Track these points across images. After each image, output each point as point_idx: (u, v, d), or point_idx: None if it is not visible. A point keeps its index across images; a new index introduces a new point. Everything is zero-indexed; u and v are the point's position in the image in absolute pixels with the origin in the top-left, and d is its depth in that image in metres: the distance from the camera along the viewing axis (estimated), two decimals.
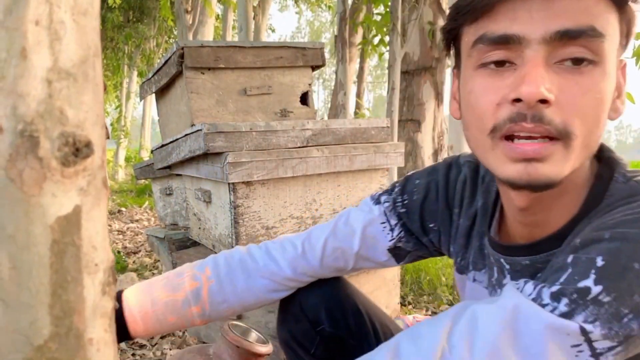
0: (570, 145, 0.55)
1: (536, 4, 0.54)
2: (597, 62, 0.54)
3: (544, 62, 0.54)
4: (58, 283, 0.28)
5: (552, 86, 0.53)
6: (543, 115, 0.54)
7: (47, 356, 0.27)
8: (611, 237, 0.51)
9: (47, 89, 0.27)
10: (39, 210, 0.27)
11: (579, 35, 0.53)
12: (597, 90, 0.54)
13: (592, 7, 0.53)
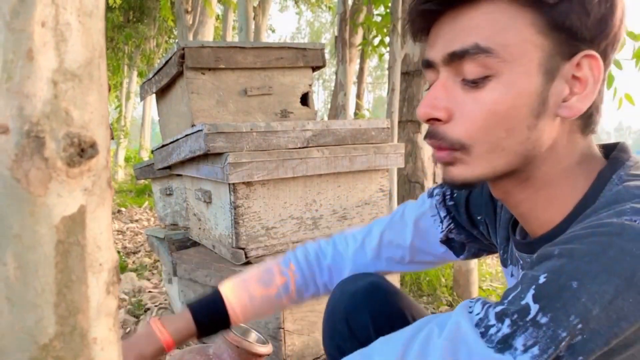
0: (470, 154, 0.60)
1: (440, 32, 0.60)
2: (493, 76, 0.57)
3: (450, 82, 0.60)
4: (63, 282, 0.28)
5: (451, 103, 0.59)
6: (436, 132, 0.61)
7: (52, 355, 0.28)
8: (559, 253, 0.51)
9: (53, 89, 0.28)
10: (44, 210, 0.27)
11: (464, 55, 0.57)
12: (493, 102, 0.57)
13: (483, 24, 0.57)
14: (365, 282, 0.93)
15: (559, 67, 0.58)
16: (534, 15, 0.56)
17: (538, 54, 0.57)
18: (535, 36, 0.56)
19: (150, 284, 2.74)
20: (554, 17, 0.56)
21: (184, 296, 1.90)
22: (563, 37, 0.57)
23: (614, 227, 0.50)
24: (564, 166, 0.62)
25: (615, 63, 3.01)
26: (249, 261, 1.61)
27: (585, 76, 0.58)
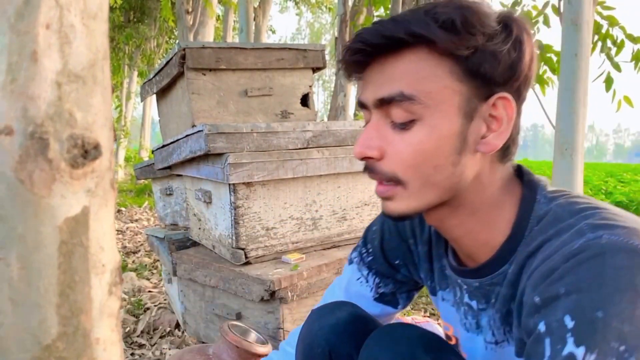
0: (407, 188, 0.66)
1: (370, 78, 0.67)
2: (417, 119, 0.64)
3: (381, 123, 0.66)
4: (66, 283, 0.28)
5: (383, 143, 0.66)
6: (373, 167, 0.67)
7: (55, 355, 0.28)
8: (567, 291, 0.55)
9: (57, 91, 0.28)
10: (48, 211, 0.27)
11: (390, 101, 0.64)
12: (419, 143, 0.64)
13: (406, 73, 0.63)
14: (345, 312, 0.89)
15: (476, 108, 0.65)
16: (451, 65, 0.63)
17: (457, 98, 0.64)
18: (454, 83, 0.63)
19: (150, 284, 2.74)
20: (469, 66, 0.63)
21: (184, 296, 1.90)
22: (479, 82, 0.64)
23: (593, 249, 0.56)
24: (489, 193, 0.70)
25: (614, 66, 3.01)
26: (248, 261, 1.62)
27: (500, 115, 0.65)
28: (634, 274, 0.53)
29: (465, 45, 0.61)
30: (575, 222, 0.61)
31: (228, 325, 1.33)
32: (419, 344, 0.75)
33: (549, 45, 3.30)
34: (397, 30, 0.62)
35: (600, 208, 0.62)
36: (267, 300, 1.50)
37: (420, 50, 0.63)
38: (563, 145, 2.03)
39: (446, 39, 0.61)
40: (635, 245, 0.55)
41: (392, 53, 0.64)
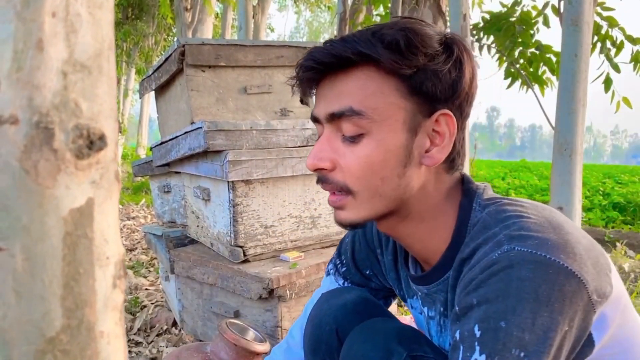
0: (357, 198, 0.70)
1: (322, 94, 0.71)
2: (365, 134, 0.67)
3: (332, 136, 0.70)
4: (70, 275, 0.28)
5: (334, 154, 0.69)
6: (326, 178, 0.71)
7: (59, 348, 0.27)
8: (478, 302, 0.60)
9: (63, 80, 0.27)
10: (53, 202, 0.27)
11: (340, 115, 0.67)
12: (367, 156, 0.68)
13: (355, 90, 0.67)
14: (353, 295, 0.93)
15: (420, 124, 0.69)
16: (396, 82, 0.67)
17: (402, 114, 0.68)
18: (399, 99, 0.67)
19: (147, 282, 2.73)
20: (413, 84, 0.67)
21: (181, 294, 1.89)
22: (422, 99, 0.68)
23: (503, 262, 0.60)
24: (435, 202, 0.73)
25: (613, 67, 3.02)
26: (247, 259, 1.61)
27: (442, 130, 0.70)
28: (538, 285, 0.57)
29: (407, 65, 0.65)
30: (498, 232, 0.64)
31: (226, 323, 1.33)
32: (394, 336, 0.78)
33: (548, 46, 3.30)
34: (346, 50, 0.66)
35: (524, 217, 0.65)
36: (266, 299, 1.50)
37: (367, 69, 0.67)
38: (562, 145, 2.03)
39: (390, 58, 0.65)
40: (542, 257, 0.59)
41: (342, 71, 0.68)
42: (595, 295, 0.61)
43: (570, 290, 0.58)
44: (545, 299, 0.57)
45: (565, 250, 0.60)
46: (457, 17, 2.63)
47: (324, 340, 0.91)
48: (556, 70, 3.32)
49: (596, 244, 0.68)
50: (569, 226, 0.65)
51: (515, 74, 3.44)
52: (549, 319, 0.57)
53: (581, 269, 0.60)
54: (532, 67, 3.36)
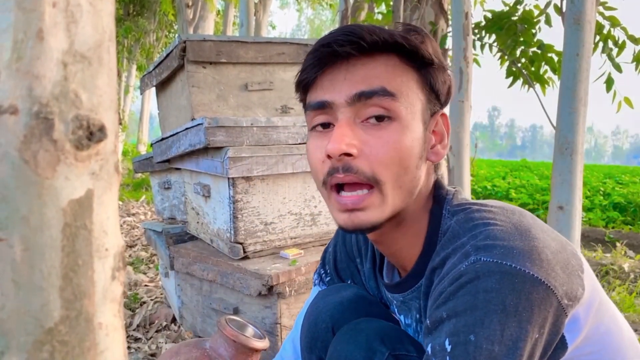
0: (383, 190, 0.66)
1: (339, 76, 0.67)
2: (394, 118, 0.66)
3: (351, 122, 0.66)
4: (69, 266, 0.28)
5: (357, 141, 0.65)
6: (350, 166, 0.65)
7: (57, 339, 0.27)
8: (448, 315, 0.60)
9: (63, 71, 0.27)
10: (52, 192, 0.27)
11: (372, 94, 0.65)
12: (396, 141, 0.65)
13: (384, 73, 0.66)
14: (350, 292, 0.92)
15: (428, 120, 0.70)
16: (415, 74, 0.68)
17: (419, 105, 0.68)
18: (418, 91, 0.68)
19: (147, 278, 2.73)
20: (429, 78, 0.69)
21: (181, 290, 1.89)
22: (432, 96, 0.70)
23: (470, 274, 0.60)
24: (422, 204, 0.73)
25: (615, 67, 3.01)
26: (246, 256, 1.61)
27: (441, 130, 0.72)
28: (505, 296, 0.57)
29: (429, 59, 0.68)
30: (466, 242, 0.64)
31: (225, 319, 1.33)
32: (377, 336, 0.78)
33: (550, 45, 3.30)
34: (384, 34, 0.66)
35: (491, 224, 0.65)
36: (265, 295, 1.50)
37: (390, 57, 0.67)
38: (563, 145, 2.03)
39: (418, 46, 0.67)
40: (508, 266, 0.58)
41: (365, 55, 0.67)
42: (566, 299, 0.60)
43: (538, 298, 0.58)
44: (512, 309, 0.57)
45: (531, 257, 0.60)
46: (459, 16, 2.62)
47: (320, 338, 0.91)
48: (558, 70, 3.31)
49: (567, 246, 0.67)
50: (537, 230, 0.64)
51: (516, 73, 3.43)
52: (518, 328, 0.57)
53: (548, 275, 0.59)
54: (533, 67, 3.36)
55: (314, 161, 0.70)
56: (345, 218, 0.68)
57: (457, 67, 2.61)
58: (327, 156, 0.66)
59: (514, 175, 10.71)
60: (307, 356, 0.95)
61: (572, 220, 2.00)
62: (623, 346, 0.70)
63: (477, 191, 8.04)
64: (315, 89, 0.70)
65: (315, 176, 0.71)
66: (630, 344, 0.71)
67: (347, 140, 0.64)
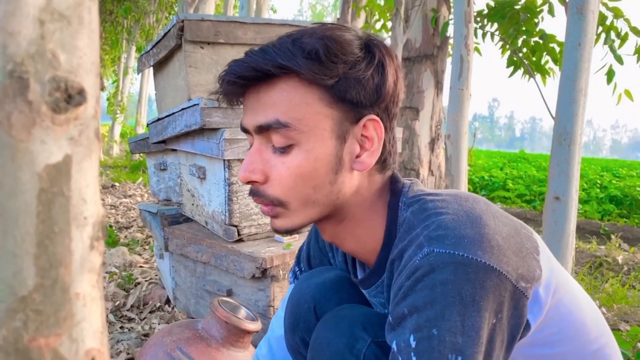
0: (288, 208, 0.70)
1: (250, 104, 0.70)
2: (294, 144, 0.67)
3: (262, 147, 0.69)
4: (45, 233, 0.27)
5: (264, 166, 0.69)
6: (257, 191, 0.70)
7: (31, 308, 0.27)
8: (409, 311, 0.61)
9: (39, 29, 0.26)
10: (27, 156, 0.26)
11: (268, 128, 0.67)
12: (297, 166, 0.67)
13: (280, 101, 0.66)
14: (332, 274, 0.93)
15: (348, 130, 0.69)
16: (320, 92, 0.66)
17: (329, 122, 0.67)
18: (325, 108, 0.67)
19: (142, 259, 2.73)
20: (336, 93, 0.67)
21: (175, 271, 1.89)
22: (347, 106, 0.68)
23: (425, 267, 0.61)
24: (369, 203, 0.74)
25: (617, 58, 2.99)
26: (241, 239, 1.61)
27: (371, 135, 0.70)
28: (460, 286, 0.59)
29: (329, 75, 0.65)
30: (420, 232, 0.65)
31: (218, 300, 1.33)
32: (359, 323, 0.78)
33: (552, 35, 3.27)
34: (266, 62, 0.65)
35: (442, 213, 0.66)
36: (259, 278, 1.50)
37: (290, 80, 0.66)
38: (561, 135, 2.01)
39: (311, 70, 0.64)
40: (460, 256, 0.60)
41: (265, 82, 0.67)
42: (523, 282, 0.62)
43: (491, 285, 0.59)
44: (469, 299, 0.58)
45: (482, 245, 0.61)
46: (461, 3, 2.59)
47: (302, 318, 0.92)
48: (559, 60, 3.29)
49: (521, 229, 0.68)
50: (488, 217, 0.65)
51: (517, 63, 3.41)
52: (477, 317, 0.58)
53: (500, 260, 0.61)
54: (534, 56, 3.34)
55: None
56: (270, 222, 0.74)
57: (457, 54, 2.58)
58: None
59: (511, 166, 10.72)
60: (290, 337, 0.95)
61: (568, 210, 2.00)
62: (586, 325, 0.71)
63: (475, 181, 8.04)
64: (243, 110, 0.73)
65: None
66: (594, 323, 0.73)
67: (252, 168, 0.69)
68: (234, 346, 1.27)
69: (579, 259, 3.26)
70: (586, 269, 2.96)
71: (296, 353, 0.95)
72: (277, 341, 1.04)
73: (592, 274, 2.93)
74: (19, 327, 0.26)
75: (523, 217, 5.58)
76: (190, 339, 1.27)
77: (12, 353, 0.26)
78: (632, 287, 2.74)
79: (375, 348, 0.75)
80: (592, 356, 0.71)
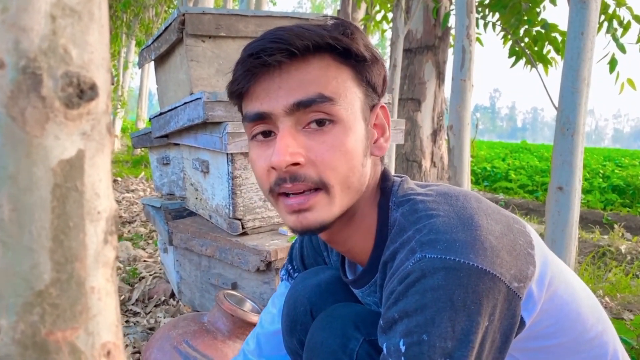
0: (331, 192, 0.66)
1: (274, 85, 0.65)
2: (336, 121, 0.65)
3: (293, 130, 0.65)
4: (60, 228, 0.27)
5: (301, 149, 0.65)
6: (297, 175, 0.65)
7: (48, 302, 0.27)
8: (400, 316, 0.61)
9: (51, 25, 0.26)
10: (41, 151, 0.26)
11: (311, 103, 0.64)
12: (341, 144, 0.65)
13: (319, 77, 0.65)
14: (327, 274, 0.93)
15: (368, 115, 0.70)
16: (350, 71, 0.67)
17: (358, 102, 0.68)
18: (355, 87, 0.68)
19: (146, 254, 2.74)
20: (364, 74, 0.68)
21: (179, 265, 1.90)
22: (369, 90, 0.69)
23: (417, 272, 0.60)
24: (370, 198, 0.73)
25: (619, 47, 2.98)
26: (245, 232, 1.61)
27: (382, 123, 0.72)
28: (451, 291, 0.58)
29: (362, 50, 0.67)
30: (412, 235, 0.64)
31: (223, 293, 1.33)
32: (352, 322, 0.78)
33: (554, 25, 3.25)
34: (314, 37, 0.64)
35: (434, 215, 0.65)
36: (263, 271, 1.50)
37: (324, 58, 0.66)
38: (564, 125, 2.01)
39: (349, 43, 0.66)
40: (452, 261, 0.59)
41: (299, 59, 0.65)
42: (516, 282, 0.61)
43: (485, 289, 0.58)
44: (460, 304, 0.58)
45: (474, 248, 0.60)
46: None
47: (299, 321, 0.92)
48: (561, 50, 3.28)
49: (514, 224, 0.67)
50: (480, 216, 0.64)
51: (519, 53, 3.39)
52: (468, 322, 0.58)
53: (493, 263, 0.59)
54: (537, 46, 3.32)
55: (258, 171, 0.69)
56: (294, 219, 0.67)
57: (459, 45, 2.57)
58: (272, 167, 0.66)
59: (513, 157, 10.70)
60: (288, 339, 0.95)
61: (572, 200, 2.00)
62: (582, 314, 0.70)
63: (477, 172, 8.03)
64: (251, 99, 0.68)
65: (261, 185, 0.70)
66: (590, 311, 0.72)
67: (291, 150, 0.64)
68: (240, 339, 1.28)
69: (582, 248, 3.27)
70: (589, 258, 2.97)
71: (295, 355, 0.95)
72: (266, 337, 1.04)
73: (595, 263, 2.94)
74: (37, 321, 0.27)
75: (525, 208, 5.58)
76: (197, 332, 1.28)
77: (30, 347, 0.27)
78: (635, 277, 2.74)
79: (368, 347, 0.75)
80: (590, 344, 0.71)
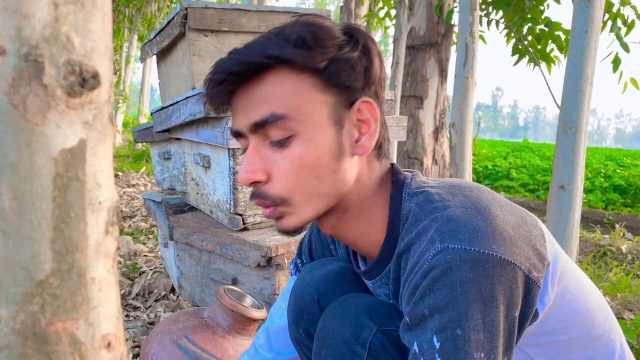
0: (292, 204, 0.68)
1: (239, 104, 0.68)
2: (294, 135, 0.66)
3: (259, 146, 0.68)
4: (61, 218, 0.27)
5: (265, 164, 0.67)
6: (259, 192, 0.68)
7: (48, 292, 0.27)
8: (430, 312, 0.61)
9: (53, 12, 0.26)
10: (42, 140, 0.26)
11: (264, 123, 0.65)
12: (299, 158, 0.66)
13: (273, 94, 0.65)
14: (335, 265, 0.93)
15: (344, 115, 0.68)
16: (312, 78, 0.66)
17: (325, 109, 0.67)
18: (319, 95, 0.66)
19: (146, 248, 2.74)
20: (328, 77, 0.66)
21: (180, 260, 1.90)
22: (340, 91, 0.67)
23: (442, 265, 0.60)
24: (370, 192, 0.73)
25: (623, 46, 2.97)
26: (246, 227, 1.61)
27: (366, 118, 0.70)
28: (480, 283, 0.59)
29: (319, 58, 0.65)
30: (429, 225, 0.65)
31: (224, 289, 1.33)
32: (365, 311, 0.78)
33: (557, 23, 3.24)
34: (255, 55, 0.64)
35: (451, 205, 0.65)
36: (264, 267, 1.50)
37: (280, 71, 0.66)
38: (567, 124, 2.00)
39: (301, 55, 0.64)
40: (477, 252, 0.60)
41: (254, 78, 0.66)
42: (535, 272, 0.62)
43: (508, 279, 0.60)
44: (489, 295, 0.59)
45: (495, 237, 0.61)
46: None
47: (306, 310, 0.92)
48: (564, 48, 3.27)
49: (527, 216, 0.68)
50: (496, 207, 0.65)
51: (522, 51, 3.38)
52: (497, 312, 0.59)
53: (514, 252, 0.61)
54: (540, 44, 3.31)
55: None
56: (275, 224, 0.72)
57: (462, 42, 2.57)
58: None
59: (515, 156, 10.69)
60: (294, 329, 0.95)
61: (573, 199, 1.99)
62: (591, 311, 0.71)
63: (478, 170, 8.02)
64: (232, 114, 0.71)
65: None
66: (598, 309, 0.73)
67: (252, 168, 0.67)
68: (240, 334, 1.28)
69: (583, 248, 3.26)
70: (590, 258, 2.97)
71: (300, 345, 0.95)
72: (275, 332, 1.04)
73: (596, 263, 2.93)
74: (37, 311, 0.26)
75: (527, 206, 5.58)
76: (197, 326, 1.28)
77: (30, 337, 0.26)
78: (636, 276, 2.74)
79: (382, 336, 0.75)
80: (597, 341, 0.72)
